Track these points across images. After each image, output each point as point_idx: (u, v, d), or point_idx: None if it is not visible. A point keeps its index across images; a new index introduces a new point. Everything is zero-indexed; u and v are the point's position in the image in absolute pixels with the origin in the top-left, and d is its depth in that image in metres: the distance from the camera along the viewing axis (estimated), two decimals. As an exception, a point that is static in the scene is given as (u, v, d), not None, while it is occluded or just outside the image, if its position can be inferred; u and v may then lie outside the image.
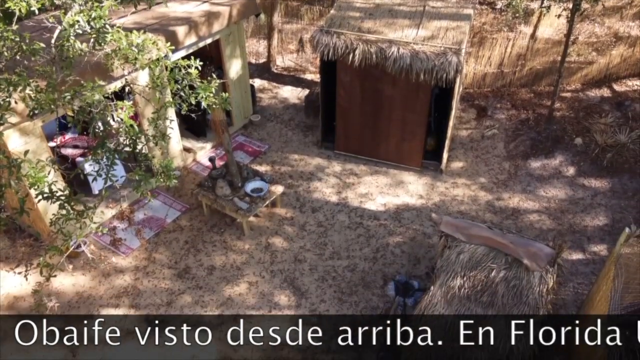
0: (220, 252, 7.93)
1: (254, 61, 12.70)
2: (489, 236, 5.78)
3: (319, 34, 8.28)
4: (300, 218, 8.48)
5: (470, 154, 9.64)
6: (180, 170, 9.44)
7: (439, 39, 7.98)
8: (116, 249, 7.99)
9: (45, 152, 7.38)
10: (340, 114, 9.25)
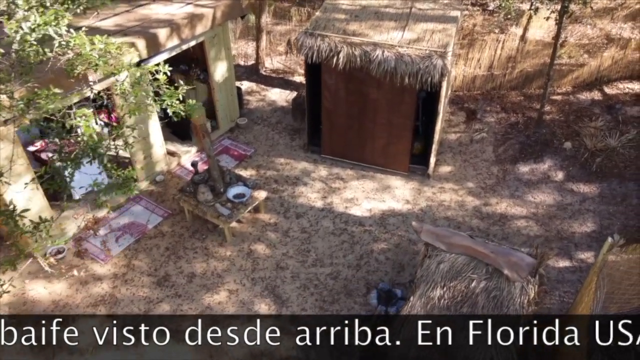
0: (201, 258, 7.78)
1: (243, 63, 12.56)
2: (470, 245, 5.63)
3: (303, 36, 8.13)
4: (284, 224, 8.34)
5: (458, 158, 9.50)
6: (164, 174, 9.30)
7: (425, 41, 7.84)
8: (95, 257, 7.84)
9: (21, 158, 7.24)
10: (326, 117, 9.10)
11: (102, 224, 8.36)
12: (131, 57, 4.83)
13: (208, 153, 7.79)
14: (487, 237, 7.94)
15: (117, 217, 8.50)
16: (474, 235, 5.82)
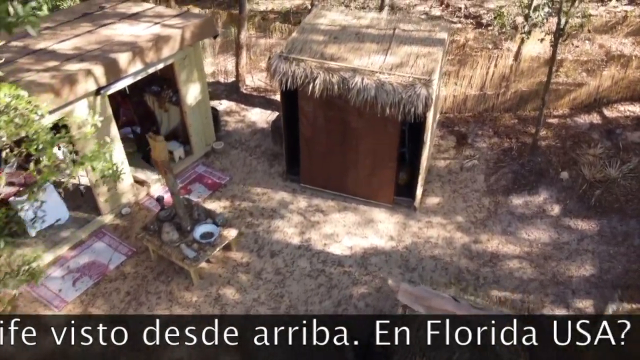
0: (165, 305, 7.13)
1: (223, 80, 11.92)
2: (452, 310, 4.99)
3: (277, 60, 7.47)
4: (256, 264, 7.68)
5: (447, 187, 8.84)
6: (130, 206, 8.64)
7: (409, 67, 7.18)
8: (49, 303, 7.18)
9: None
10: (305, 145, 8.45)
11: (60, 263, 7.71)
12: (41, 113, 3.97)
13: (172, 190, 7.14)
14: (477, 280, 7.34)
15: (77, 256, 7.85)
16: (458, 297, 5.18)
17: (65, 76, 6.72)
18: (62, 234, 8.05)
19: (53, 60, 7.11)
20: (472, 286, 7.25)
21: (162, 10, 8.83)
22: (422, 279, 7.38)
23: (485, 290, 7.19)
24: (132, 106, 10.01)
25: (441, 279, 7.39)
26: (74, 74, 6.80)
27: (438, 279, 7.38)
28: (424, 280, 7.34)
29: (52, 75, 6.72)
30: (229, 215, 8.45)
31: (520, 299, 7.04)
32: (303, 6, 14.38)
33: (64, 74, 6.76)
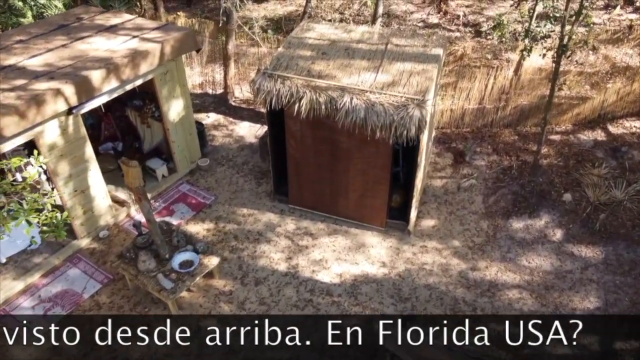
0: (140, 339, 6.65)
1: (211, 91, 11.47)
2: (446, 362, 4.54)
3: (261, 78, 7.02)
4: (240, 293, 7.23)
5: (443, 209, 8.38)
6: (109, 229, 8.19)
7: (401, 86, 6.72)
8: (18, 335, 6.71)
9: None
10: (293, 166, 8.00)
11: (31, 292, 7.25)
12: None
13: (147, 218, 6.68)
14: (474, 311, 6.88)
15: (49, 284, 7.39)
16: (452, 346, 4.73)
17: (32, 97, 6.27)
18: (35, 260, 7.60)
19: (21, 78, 6.67)
20: (469, 319, 6.79)
21: (142, 23, 8.37)
22: (415, 310, 6.94)
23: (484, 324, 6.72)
24: (114, 121, 9.57)
25: (436, 310, 6.94)
26: (42, 94, 6.35)
27: (433, 310, 6.93)
28: (417, 311, 6.90)
29: (18, 96, 6.27)
30: (212, 238, 8.01)
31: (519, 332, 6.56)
32: (296, 13, 13.94)
33: (31, 94, 6.31)
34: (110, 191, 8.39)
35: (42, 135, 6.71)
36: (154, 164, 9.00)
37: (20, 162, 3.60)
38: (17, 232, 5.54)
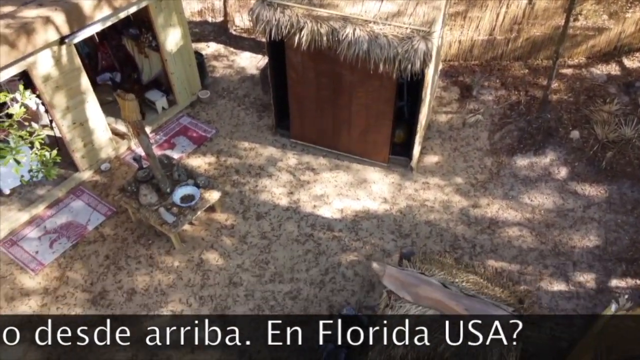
0: (145, 270, 6.83)
1: (211, 20, 11.00)
2: (441, 299, 4.60)
3: (260, 6, 6.67)
4: (242, 226, 7.30)
5: (447, 145, 8.25)
6: (110, 161, 8.17)
7: (407, 16, 6.38)
8: (25, 266, 6.90)
9: None
10: (294, 99, 7.80)
11: (37, 223, 7.36)
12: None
13: (147, 152, 6.61)
14: (473, 249, 6.95)
15: (54, 215, 7.49)
16: (447, 284, 4.78)
17: (21, 25, 6.01)
18: (38, 192, 7.65)
19: (8, 5, 6.37)
20: (467, 255, 6.88)
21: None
22: (415, 245, 7.01)
23: (481, 260, 6.82)
24: (111, 50, 9.27)
25: (436, 246, 7.01)
26: (31, 22, 6.09)
27: (432, 246, 7.01)
28: (417, 247, 6.98)
29: (7, 24, 6.01)
30: (214, 172, 7.99)
31: (517, 270, 6.67)
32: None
33: (20, 22, 6.05)
34: (110, 124, 8.29)
35: (35, 66, 6.51)
36: (153, 96, 8.82)
37: (5, 98, 3.47)
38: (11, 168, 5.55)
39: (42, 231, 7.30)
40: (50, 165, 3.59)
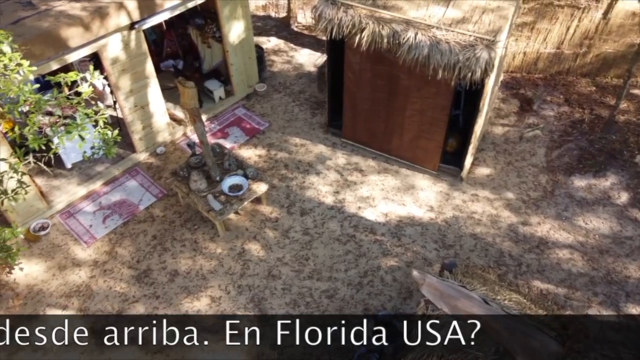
0: (189, 254, 7.02)
1: (274, 15, 11.18)
2: (481, 316, 4.47)
3: (323, 4, 6.71)
4: (285, 221, 7.37)
5: (501, 158, 8.02)
6: (166, 145, 8.45)
7: (471, 23, 6.24)
8: (79, 238, 7.25)
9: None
10: (349, 99, 7.80)
11: (93, 198, 7.72)
12: (23, 72, 3.44)
13: (201, 139, 6.79)
14: (519, 267, 6.72)
15: (109, 192, 7.82)
16: (488, 300, 4.64)
17: (96, 9, 6.31)
18: (97, 169, 8.01)
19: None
20: (512, 273, 6.66)
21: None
22: (458, 257, 6.86)
23: (526, 279, 6.59)
24: (176, 38, 9.58)
25: (479, 260, 6.83)
26: (105, 7, 6.38)
27: (476, 260, 6.83)
28: (460, 259, 6.83)
29: (83, 7, 6.33)
30: (263, 165, 8.11)
31: (564, 294, 6.40)
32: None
33: (95, 6, 6.35)
34: (169, 109, 8.57)
35: (106, 48, 6.82)
36: (212, 85, 9.04)
37: (76, 77, 3.66)
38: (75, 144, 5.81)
39: (97, 206, 7.64)
40: (111, 144, 3.75)
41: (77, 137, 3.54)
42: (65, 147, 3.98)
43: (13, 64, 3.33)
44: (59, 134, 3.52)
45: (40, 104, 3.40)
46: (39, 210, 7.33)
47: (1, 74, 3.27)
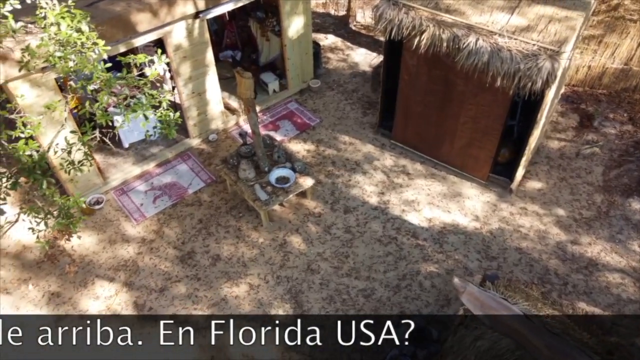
0: (232, 240, 7.19)
1: (333, 12, 11.26)
2: (521, 330, 4.37)
3: (385, 5, 6.70)
4: (328, 217, 7.43)
5: (554, 173, 7.78)
6: (218, 133, 8.66)
7: (536, 32, 6.08)
8: (130, 215, 7.55)
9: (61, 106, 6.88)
10: (402, 102, 7.76)
11: (145, 178, 8.02)
12: (98, 51, 3.64)
13: (253, 129, 6.94)
14: (564, 287, 6.52)
15: (161, 174, 8.10)
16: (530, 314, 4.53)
17: (165, -4, 6.55)
18: (152, 150, 8.32)
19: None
20: (556, 292, 6.46)
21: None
22: (501, 270, 6.71)
23: (571, 300, 6.38)
24: (237, 30, 9.80)
25: (523, 275, 6.66)
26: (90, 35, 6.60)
27: (519, 275, 6.67)
28: (503, 272, 6.68)
29: (153, -6, 6.58)
30: (311, 160, 8.19)
31: (611, 319, 6.15)
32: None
33: (164, -6, 6.60)
34: (224, 98, 8.78)
35: (170, 35, 7.06)
36: (267, 78, 9.20)
37: (145, 59, 3.83)
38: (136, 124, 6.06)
39: (148, 186, 7.94)
40: (172, 126, 3.91)
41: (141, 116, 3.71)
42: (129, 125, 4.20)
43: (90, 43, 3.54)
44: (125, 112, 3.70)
45: (111, 83, 3.60)
46: (96, 185, 7.68)
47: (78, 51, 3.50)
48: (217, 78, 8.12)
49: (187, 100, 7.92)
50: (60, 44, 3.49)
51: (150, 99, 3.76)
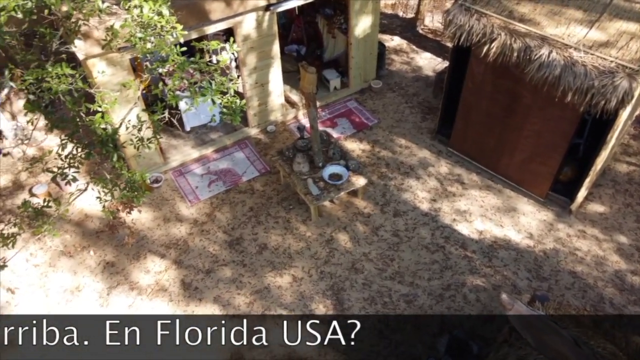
0: (280, 231, 7.30)
1: (401, 14, 11.18)
2: (569, 357, 4.20)
3: (457, 9, 6.59)
4: (377, 218, 7.40)
5: (620, 198, 7.41)
6: (276, 125, 8.80)
7: (615, 49, 5.81)
8: (185, 196, 7.81)
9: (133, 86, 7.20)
10: (464, 110, 7.61)
11: (203, 162, 8.27)
12: (176, 35, 3.77)
13: (312, 124, 7.00)
14: (620, 318, 6.18)
15: (218, 160, 8.33)
16: (580, 341, 4.34)
17: (239, -12, 6.71)
18: (211, 136, 8.56)
19: None
20: (609, 322, 6.15)
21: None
22: (551, 292, 6.47)
23: (625, 333, 6.04)
24: (304, 25, 9.91)
25: (575, 301, 6.39)
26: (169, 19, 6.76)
27: (571, 299, 6.40)
28: (553, 295, 6.44)
29: (230, -15, 6.76)
30: (365, 159, 8.18)
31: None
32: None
33: (240, -15, 6.77)
34: (285, 91, 8.90)
35: (240, 25, 7.24)
36: (329, 75, 9.26)
37: (217, 46, 3.96)
38: (202, 107, 6.25)
39: (205, 170, 8.18)
40: (238, 112, 4.03)
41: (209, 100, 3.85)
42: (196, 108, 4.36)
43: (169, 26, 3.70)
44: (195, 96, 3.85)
45: (184, 66, 3.75)
46: (156, 164, 7.99)
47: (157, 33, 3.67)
48: (281, 71, 8.25)
49: (249, 90, 8.09)
50: (142, 26, 3.66)
51: (219, 84, 3.89)
